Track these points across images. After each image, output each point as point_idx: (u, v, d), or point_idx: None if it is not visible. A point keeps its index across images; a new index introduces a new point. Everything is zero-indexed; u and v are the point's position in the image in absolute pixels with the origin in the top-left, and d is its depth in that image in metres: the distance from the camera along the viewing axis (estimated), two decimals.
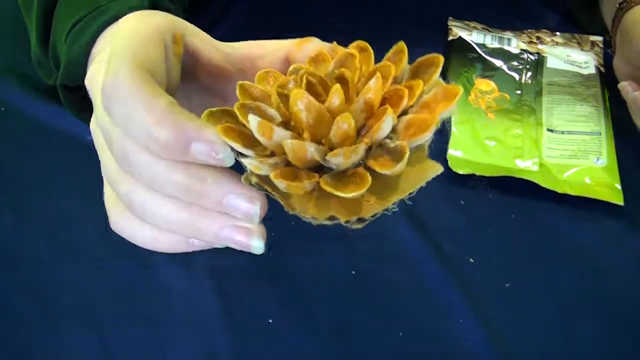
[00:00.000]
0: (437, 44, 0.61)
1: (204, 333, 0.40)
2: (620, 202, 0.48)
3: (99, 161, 0.41)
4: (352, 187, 0.26)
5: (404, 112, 0.29)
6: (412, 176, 0.28)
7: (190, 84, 0.33)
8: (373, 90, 0.27)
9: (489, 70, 0.57)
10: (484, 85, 0.56)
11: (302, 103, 0.26)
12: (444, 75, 0.57)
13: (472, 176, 0.49)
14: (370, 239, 0.45)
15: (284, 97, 0.28)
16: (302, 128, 0.27)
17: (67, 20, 0.39)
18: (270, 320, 0.40)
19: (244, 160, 0.26)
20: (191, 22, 0.42)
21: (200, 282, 0.42)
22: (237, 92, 0.29)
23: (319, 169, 0.27)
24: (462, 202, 0.48)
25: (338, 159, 0.26)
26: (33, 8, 0.44)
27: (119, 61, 0.26)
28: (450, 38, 0.61)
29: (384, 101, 0.28)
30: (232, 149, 0.26)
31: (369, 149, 0.27)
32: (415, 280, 0.43)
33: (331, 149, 0.27)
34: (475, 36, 0.61)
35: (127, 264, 0.42)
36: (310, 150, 0.26)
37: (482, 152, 0.50)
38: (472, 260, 0.45)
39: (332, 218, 0.27)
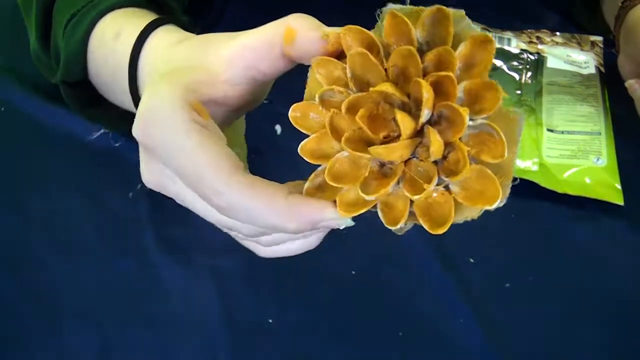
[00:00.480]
0: None
1: (204, 333, 0.40)
2: (620, 202, 0.48)
3: (99, 161, 0.42)
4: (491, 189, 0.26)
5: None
6: (507, 137, 0.26)
7: (220, 116, 0.32)
8: (426, 102, 0.25)
9: None
10: None
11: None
12: None
13: None
14: (371, 239, 0.45)
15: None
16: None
17: (63, 16, 0.40)
18: (270, 320, 0.40)
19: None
20: (191, 22, 0.42)
21: (200, 282, 0.42)
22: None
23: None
24: None
25: (458, 179, 0.26)
26: (32, 7, 0.44)
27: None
28: None
29: (435, 87, 0.26)
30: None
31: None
32: (415, 280, 0.43)
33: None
34: None
35: (127, 264, 0.42)
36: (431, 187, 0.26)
37: None
38: (472, 260, 0.45)
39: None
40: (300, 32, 0.30)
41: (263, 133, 0.49)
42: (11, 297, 0.40)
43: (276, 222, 0.27)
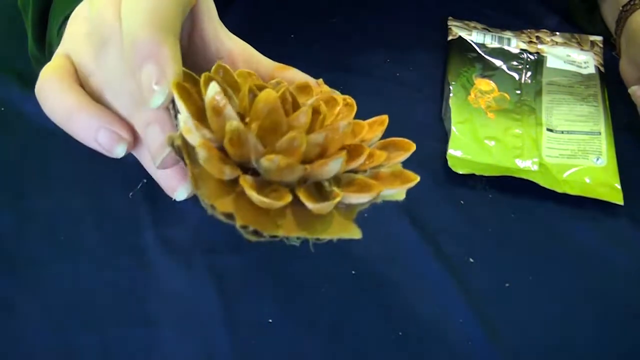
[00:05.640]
0: (437, 44, 0.61)
1: (204, 333, 0.40)
2: (620, 202, 0.48)
3: (99, 161, 0.41)
4: (271, 196, 0.25)
5: (354, 171, 0.28)
6: (328, 225, 0.27)
7: None
8: (340, 132, 0.27)
9: (488, 70, 0.57)
10: (484, 85, 0.56)
11: (267, 103, 0.26)
12: (443, 75, 0.57)
13: (472, 176, 0.49)
14: (370, 239, 0.45)
15: (253, 95, 0.28)
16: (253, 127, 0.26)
17: (59, 15, 0.40)
18: (270, 320, 0.40)
19: (180, 117, 0.26)
20: None
21: (200, 282, 0.42)
22: (213, 68, 0.29)
23: (247, 171, 0.27)
24: (462, 202, 0.48)
25: (270, 164, 0.25)
26: (29, 7, 0.44)
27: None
28: (450, 38, 0.61)
29: (342, 150, 0.28)
30: (174, 108, 0.27)
31: (304, 181, 0.27)
32: (415, 280, 0.43)
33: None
34: (475, 36, 0.61)
35: (127, 264, 0.42)
36: (250, 141, 0.25)
37: (482, 152, 0.50)
38: (472, 260, 0.45)
39: (229, 216, 0.26)
40: (293, 69, 0.34)
41: None
42: (11, 297, 0.40)
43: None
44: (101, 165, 0.47)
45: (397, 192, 0.29)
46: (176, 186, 0.30)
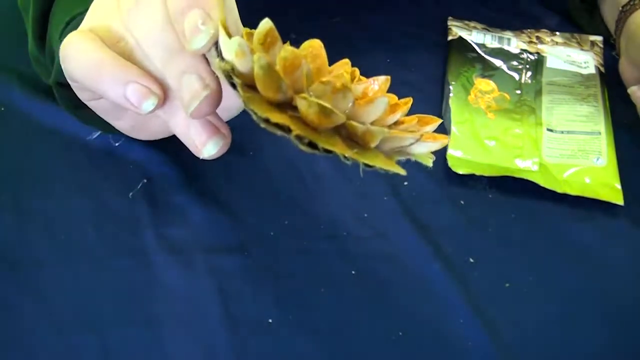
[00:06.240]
0: (437, 44, 0.61)
1: (204, 333, 0.40)
2: (620, 202, 0.48)
3: (99, 161, 0.41)
4: (326, 103, 0.26)
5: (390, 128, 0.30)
6: (375, 156, 0.28)
7: None
8: (379, 84, 0.27)
9: (488, 70, 0.57)
10: (484, 85, 0.56)
11: (313, 48, 0.27)
12: (443, 75, 0.57)
13: (471, 176, 0.49)
14: (370, 239, 0.45)
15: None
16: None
17: (61, 19, 0.40)
18: (270, 320, 0.40)
19: (232, 40, 0.27)
20: None
21: (200, 282, 0.42)
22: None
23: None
24: (462, 202, 0.48)
25: (324, 87, 0.26)
26: (30, 7, 0.44)
27: None
28: (450, 38, 0.61)
29: None
30: (217, 49, 0.28)
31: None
32: (415, 280, 0.43)
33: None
34: (475, 36, 0.61)
35: (127, 264, 0.42)
36: (304, 67, 0.26)
37: (482, 152, 0.50)
38: (472, 260, 0.45)
39: (282, 128, 0.26)
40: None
41: None
42: (11, 297, 0.40)
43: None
44: (101, 166, 0.48)
45: (427, 153, 0.30)
46: (206, 140, 0.30)
